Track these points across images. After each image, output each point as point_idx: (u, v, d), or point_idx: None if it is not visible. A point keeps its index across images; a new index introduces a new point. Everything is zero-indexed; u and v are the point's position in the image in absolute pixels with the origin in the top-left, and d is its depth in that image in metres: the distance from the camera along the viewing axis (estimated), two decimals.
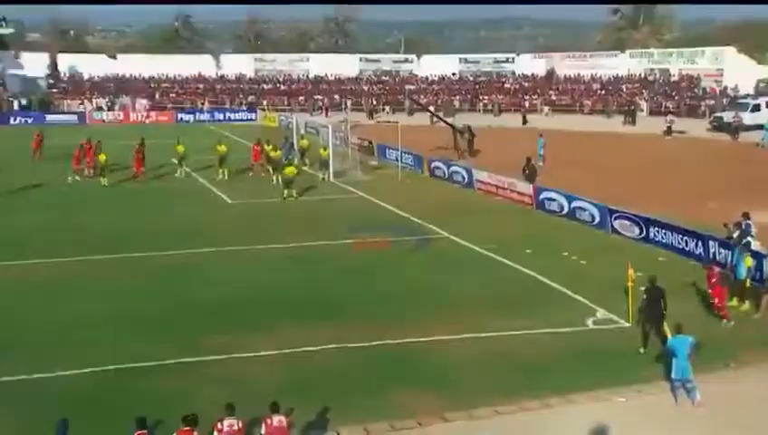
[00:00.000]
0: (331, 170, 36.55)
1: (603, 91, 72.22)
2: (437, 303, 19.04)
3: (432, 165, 37.88)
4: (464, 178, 35.16)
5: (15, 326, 17.16)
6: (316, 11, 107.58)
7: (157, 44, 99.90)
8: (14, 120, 60.67)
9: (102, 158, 34.44)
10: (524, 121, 62.88)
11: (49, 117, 62.06)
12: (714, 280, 17.78)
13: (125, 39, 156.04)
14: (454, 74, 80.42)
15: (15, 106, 63.55)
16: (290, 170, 32.03)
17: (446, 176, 36.44)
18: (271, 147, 37.07)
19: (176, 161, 37.22)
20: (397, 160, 39.27)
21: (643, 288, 16.92)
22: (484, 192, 33.38)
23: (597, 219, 26.77)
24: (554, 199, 29.09)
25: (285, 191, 31.67)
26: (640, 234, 24.68)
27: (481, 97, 73.34)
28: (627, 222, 25.32)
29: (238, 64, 79.08)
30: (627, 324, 17.48)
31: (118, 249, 23.54)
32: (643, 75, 73.99)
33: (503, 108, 70.24)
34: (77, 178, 35.27)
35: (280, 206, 30.83)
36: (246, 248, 24.01)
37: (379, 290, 20.06)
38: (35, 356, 15.48)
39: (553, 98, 72.63)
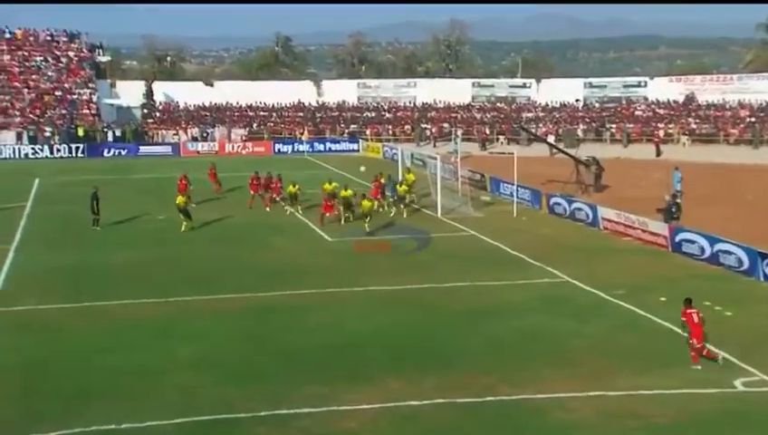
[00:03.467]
0: (439, 207, 36.77)
1: (753, 119, 69.65)
2: (557, 354, 18.77)
3: (551, 201, 37.51)
4: (588, 215, 34.64)
5: (106, 370, 17.97)
6: (425, 33, 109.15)
7: (255, 70, 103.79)
8: (108, 151, 63.97)
9: (181, 200, 33.99)
10: (658, 153, 61.45)
11: (143, 148, 65.18)
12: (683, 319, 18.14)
13: (223, 65, 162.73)
14: (577, 100, 79.52)
15: (110, 137, 67.00)
16: (366, 204, 33.09)
17: (568, 213, 36.00)
18: (334, 185, 36.86)
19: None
20: (512, 196, 39.11)
21: None
22: (610, 232, 32.77)
23: (745, 264, 25.78)
24: (693, 241, 28.24)
25: (367, 225, 32.60)
26: None
27: (608, 126, 72.13)
28: None
29: (340, 90, 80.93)
30: None
31: (211, 289, 24.38)
32: None
33: (633, 138, 68.84)
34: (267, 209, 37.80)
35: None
36: (346, 290, 24.40)
37: (492, 338, 19.98)
38: (126, 403, 16.16)
39: (693, 126, 70.61)
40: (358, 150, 66.87)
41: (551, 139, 64.73)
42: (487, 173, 44.59)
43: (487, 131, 71.22)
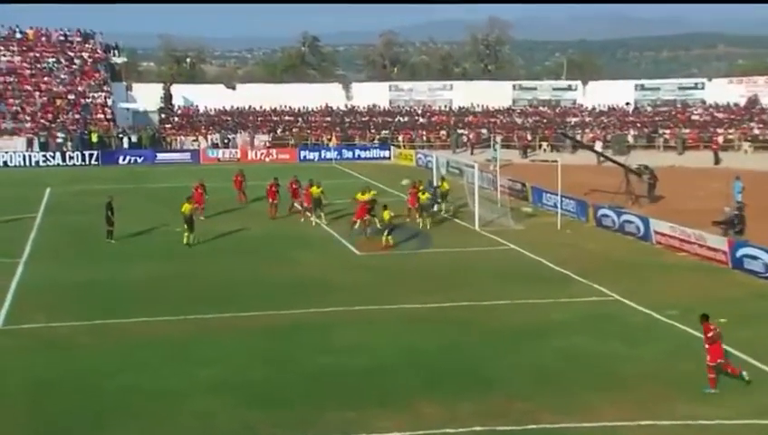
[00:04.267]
0: (476, 219, 36.73)
1: None
2: (604, 379, 18.63)
3: (599, 213, 37.29)
4: (639, 228, 34.39)
5: (119, 392, 18.11)
6: (462, 32, 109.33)
7: (280, 72, 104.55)
8: (124, 159, 64.75)
9: (187, 208, 33.30)
10: (717, 161, 60.87)
11: (160, 155, 65.91)
12: (709, 335, 18.08)
13: (245, 67, 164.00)
14: (627, 104, 79.10)
15: (125, 144, 67.77)
16: (386, 216, 32.85)
17: (617, 226, 35.76)
18: (361, 192, 36.74)
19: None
20: (555, 207, 38.95)
21: None
22: (664, 246, 32.50)
23: None
24: (757, 257, 27.91)
25: (384, 238, 32.55)
26: None
27: (661, 131, 71.64)
28: None
29: (371, 94, 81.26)
30: None
31: (232, 306, 24.52)
32: None
33: (689, 144, 68.27)
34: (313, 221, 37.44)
35: (415, 259, 31.24)
36: (376, 308, 24.43)
37: (534, 360, 19.88)
38: (140, 427, 16.30)
39: (755, 132, 69.88)
40: (389, 158, 67.01)
41: (598, 145, 64.46)
42: (529, 182, 44.44)
43: (529, 138, 71.03)
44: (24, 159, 63.50)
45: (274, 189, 39.12)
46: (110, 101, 72.69)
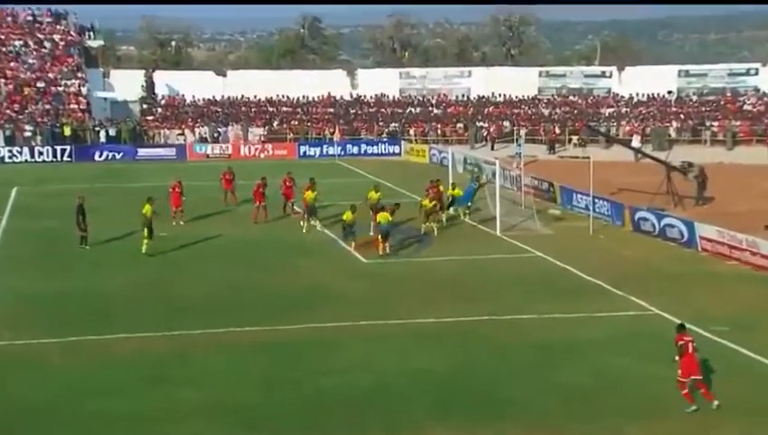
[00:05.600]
0: (497, 222, 36.75)
1: None
2: (642, 405, 18.62)
3: (636, 216, 37.27)
4: (682, 233, 34.38)
5: (96, 417, 18.15)
6: (481, 12, 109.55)
7: (277, 57, 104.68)
8: (100, 155, 64.78)
9: (148, 209, 32.92)
10: None
11: (141, 151, 65.98)
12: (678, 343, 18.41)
13: (238, 51, 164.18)
14: (670, 92, 78.95)
15: (102, 137, 67.87)
16: (383, 217, 32.62)
17: (657, 231, 35.75)
18: (380, 195, 36.93)
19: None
20: (587, 209, 38.94)
21: None
22: (710, 254, 32.48)
23: None
24: None
25: (381, 248, 32.45)
26: None
27: (708, 123, 71.49)
28: None
29: (379, 82, 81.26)
30: None
31: (221, 321, 24.58)
32: None
33: (740, 138, 68.13)
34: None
35: (429, 268, 31.28)
36: (383, 323, 24.47)
37: (561, 382, 19.89)
38: None
39: None
40: (399, 154, 67.06)
41: (636, 140, 64.40)
42: (557, 182, 44.43)
43: (557, 131, 70.99)
44: None
45: (261, 190, 38.97)
46: (84, 90, 72.74)
